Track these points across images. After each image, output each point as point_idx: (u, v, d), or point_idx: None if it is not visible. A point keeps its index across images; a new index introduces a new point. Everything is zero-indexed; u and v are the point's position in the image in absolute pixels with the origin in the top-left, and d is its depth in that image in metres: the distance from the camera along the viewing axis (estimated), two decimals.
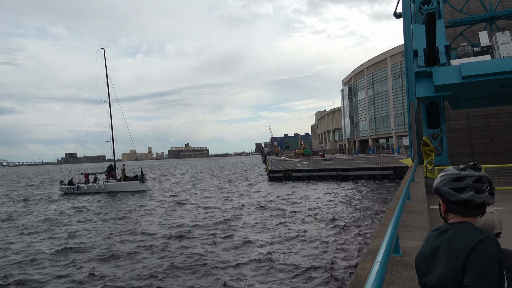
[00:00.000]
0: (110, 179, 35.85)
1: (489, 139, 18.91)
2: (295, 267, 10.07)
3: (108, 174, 36.59)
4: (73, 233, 16.04)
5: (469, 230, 1.64)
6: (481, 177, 1.74)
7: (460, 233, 1.65)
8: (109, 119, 37.28)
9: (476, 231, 1.62)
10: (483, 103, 16.25)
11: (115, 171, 36.65)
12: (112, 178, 36.12)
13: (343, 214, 17.77)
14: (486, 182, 1.73)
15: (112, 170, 36.75)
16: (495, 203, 1.78)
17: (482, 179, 1.73)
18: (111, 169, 36.80)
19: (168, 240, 14.00)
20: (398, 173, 31.03)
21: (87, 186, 34.79)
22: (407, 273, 3.44)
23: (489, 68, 13.30)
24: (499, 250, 1.55)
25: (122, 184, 34.59)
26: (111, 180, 35.72)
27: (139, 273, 10.15)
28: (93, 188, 34.52)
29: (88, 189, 34.53)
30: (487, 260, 1.50)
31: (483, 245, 1.54)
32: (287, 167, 43.76)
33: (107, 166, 37.84)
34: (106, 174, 36.77)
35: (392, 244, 2.90)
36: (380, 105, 76.33)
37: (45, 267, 11.17)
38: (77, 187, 34.69)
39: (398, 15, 23.77)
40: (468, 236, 1.61)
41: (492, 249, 1.53)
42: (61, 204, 27.17)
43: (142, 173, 35.10)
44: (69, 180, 36.52)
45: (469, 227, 1.67)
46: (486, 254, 1.51)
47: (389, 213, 6.27)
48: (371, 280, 1.91)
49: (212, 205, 22.87)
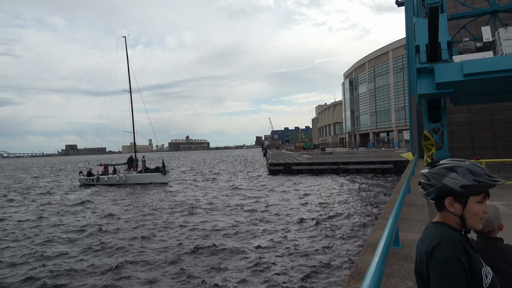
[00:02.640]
0: (131, 171, 35.32)
1: (491, 133, 18.84)
2: (293, 260, 10.13)
3: (128, 165, 36.02)
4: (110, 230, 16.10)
5: (432, 233, 1.66)
6: (423, 174, 1.78)
7: (427, 235, 1.69)
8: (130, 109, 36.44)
9: (434, 235, 1.63)
10: (484, 99, 16.25)
11: (135, 162, 35.92)
12: (132, 169, 35.58)
13: (342, 207, 17.82)
14: (423, 180, 1.77)
15: (133, 161, 35.98)
16: (494, 198, 1.78)
17: (424, 176, 1.77)
18: (132, 160, 36.04)
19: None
20: (399, 167, 31.05)
21: (107, 177, 33.91)
22: (406, 265, 3.46)
23: (491, 65, 13.29)
24: (455, 249, 1.54)
25: (143, 176, 33.85)
26: (132, 171, 35.15)
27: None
28: (113, 179, 33.73)
29: (109, 180, 33.72)
30: (442, 267, 1.51)
31: (438, 250, 1.55)
32: (288, 160, 43.77)
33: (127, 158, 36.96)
34: (127, 165, 36.18)
35: (392, 237, 2.91)
36: (381, 99, 76.11)
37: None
38: (97, 178, 33.99)
39: (400, 3, 23.61)
40: (428, 240, 1.63)
41: (447, 252, 1.53)
42: (86, 196, 27.24)
43: (164, 165, 34.46)
44: (88, 171, 35.83)
45: (435, 229, 1.68)
46: (440, 260, 1.52)
47: (389, 206, 6.29)
48: (370, 272, 1.92)
49: (232, 203, 22.94)
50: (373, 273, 1.91)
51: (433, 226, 1.71)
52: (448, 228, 1.66)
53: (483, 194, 1.65)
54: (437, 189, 1.70)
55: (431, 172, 1.74)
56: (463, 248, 1.57)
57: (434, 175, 1.72)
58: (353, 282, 3.03)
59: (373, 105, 79.26)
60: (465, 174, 1.64)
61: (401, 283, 3.03)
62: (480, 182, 1.62)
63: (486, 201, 1.67)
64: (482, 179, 1.62)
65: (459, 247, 1.55)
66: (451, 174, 1.67)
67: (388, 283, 3.04)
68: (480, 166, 1.70)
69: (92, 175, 34.76)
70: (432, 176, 1.73)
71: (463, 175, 1.64)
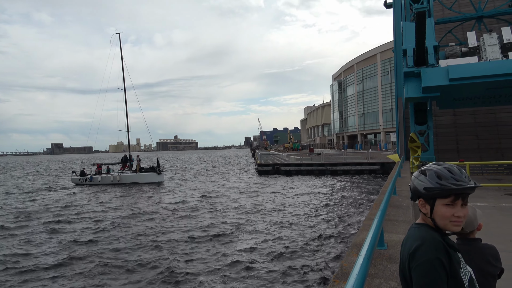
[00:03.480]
0: (125, 170, 34.74)
1: (475, 135, 19.19)
2: (280, 261, 10.16)
3: (123, 165, 35.45)
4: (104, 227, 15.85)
5: (415, 235, 1.68)
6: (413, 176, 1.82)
7: (409, 237, 1.71)
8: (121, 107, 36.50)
9: (416, 236, 1.65)
10: (469, 104, 16.64)
11: (130, 161, 35.32)
12: (127, 169, 35.02)
13: (329, 208, 17.93)
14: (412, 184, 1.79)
15: (127, 160, 35.38)
16: (478, 199, 1.81)
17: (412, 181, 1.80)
18: (126, 159, 35.46)
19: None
20: (385, 168, 31.40)
21: (101, 177, 33.42)
22: (390, 266, 3.50)
23: (476, 71, 13.72)
24: (436, 251, 1.56)
25: (138, 175, 33.33)
26: (126, 171, 34.57)
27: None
28: (107, 179, 33.22)
29: (102, 180, 33.22)
30: (423, 268, 1.53)
31: (420, 251, 1.57)
32: (276, 161, 43.85)
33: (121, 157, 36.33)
34: (121, 164, 35.60)
35: (376, 237, 2.94)
36: (369, 101, 76.85)
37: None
38: (90, 178, 33.41)
39: (388, 5, 23.90)
40: (410, 242, 1.66)
41: (429, 254, 1.55)
42: (79, 197, 26.78)
43: (159, 164, 34.07)
44: (81, 170, 35.13)
45: (417, 231, 1.69)
46: (422, 262, 1.54)
47: (375, 207, 6.36)
48: (355, 273, 1.93)
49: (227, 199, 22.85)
50: (357, 274, 1.92)
51: (416, 228, 1.73)
52: (430, 229, 1.68)
53: (452, 198, 1.65)
54: (411, 190, 1.81)
55: (412, 175, 1.83)
56: (444, 249, 1.59)
57: (412, 177, 1.81)
58: (338, 282, 3.06)
59: (361, 107, 79.98)
60: (431, 177, 1.70)
61: (385, 283, 3.06)
62: (442, 185, 1.65)
63: (458, 204, 1.66)
64: (445, 182, 1.65)
65: (440, 248, 1.58)
66: (420, 177, 1.74)
67: (372, 283, 3.07)
68: (454, 169, 1.70)
69: (85, 175, 34.17)
70: (411, 179, 1.82)
71: (430, 178, 1.70)
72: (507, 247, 5.70)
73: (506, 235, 6.54)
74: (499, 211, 8.67)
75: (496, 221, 7.60)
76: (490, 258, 2.28)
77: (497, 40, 15.83)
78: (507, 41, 15.97)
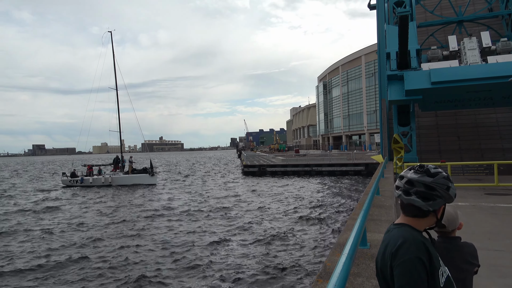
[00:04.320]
0: (117, 172, 34.03)
1: (456, 136, 19.61)
2: (266, 260, 10.17)
3: (114, 166, 34.72)
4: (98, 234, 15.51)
5: (397, 234, 1.69)
6: (410, 180, 1.74)
7: (392, 236, 1.72)
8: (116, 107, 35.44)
9: (398, 236, 1.67)
10: (449, 106, 17.06)
11: (122, 162, 34.64)
12: (119, 170, 34.30)
13: (315, 208, 18.06)
14: (418, 186, 1.72)
15: (119, 162, 34.71)
16: (459, 199, 1.86)
17: (411, 182, 1.74)
18: (118, 161, 34.78)
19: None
20: (370, 169, 31.81)
21: (92, 178, 32.66)
22: (373, 265, 3.55)
23: (457, 75, 14.17)
24: (418, 251, 1.59)
25: (130, 177, 32.67)
26: (118, 172, 33.84)
27: None
28: (98, 180, 32.41)
29: (93, 181, 32.38)
30: (405, 267, 1.56)
31: (402, 250, 1.60)
32: (262, 162, 43.93)
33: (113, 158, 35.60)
34: (113, 166, 34.87)
35: (359, 237, 2.98)
36: (354, 103, 77.76)
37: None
38: (81, 180, 32.58)
39: (372, 6, 24.28)
40: (393, 241, 1.67)
41: (410, 254, 1.58)
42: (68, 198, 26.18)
43: (152, 166, 33.41)
44: (71, 172, 34.33)
45: (399, 231, 1.71)
46: (404, 261, 1.57)
47: (359, 207, 6.44)
48: (337, 271, 1.95)
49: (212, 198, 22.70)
50: (339, 273, 1.94)
51: (397, 228, 1.75)
52: (411, 229, 1.71)
53: None
54: (445, 197, 1.83)
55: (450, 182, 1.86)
56: (425, 249, 1.62)
57: (451, 184, 1.85)
58: (321, 282, 3.09)
59: (346, 109, 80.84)
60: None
61: (367, 282, 3.11)
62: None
63: None
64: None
65: (421, 248, 1.61)
66: (451, 184, 1.83)
67: (354, 282, 3.11)
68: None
69: (76, 176, 33.40)
70: (451, 186, 1.85)
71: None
72: (485, 245, 5.86)
73: (485, 233, 6.73)
74: (478, 210, 8.90)
75: (476, 220, 7.81)
76: (469, 255, 2.36)
77: (477, 45, 16.33)
78: (486, 45, 16.47)
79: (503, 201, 10.00)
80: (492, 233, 6.72)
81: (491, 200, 10.26)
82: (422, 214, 1.74)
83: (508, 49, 16.04)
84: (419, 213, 1.74)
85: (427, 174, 1.74)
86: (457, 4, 21.34)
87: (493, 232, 6.83)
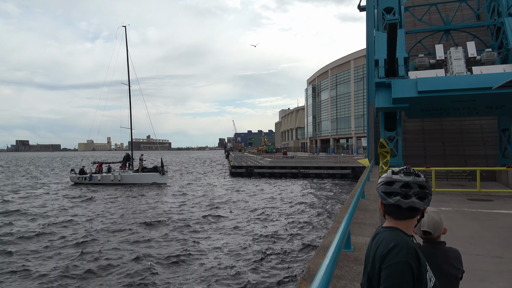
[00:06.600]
0: (127, 170, 33.33)
1: (441, 142, 19.94)
2: (249, 262, 10.17)
3: (124, 164, 33.93)
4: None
5: (388, 237, 1.69)
6: (407, 183, 1.74)
7: (382, 239, 1.71)
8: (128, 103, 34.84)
9: (390, 239, 1.67)
10: (435, 114, 17.39)
11: (132, 161, 33.85)
12: (127, 168, 33.54)
13: (301, 211, 18.13)
14: (415, 187, 1.73)
15: (129, 159, 33.85)
16: (442, 204, 1.87)
17: (408, 185, 1.73)
18: (128, 158, 33.91)
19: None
20: (356, 172, 32.07)
21: (101, 176, 31.92)
22: (356, 267, 3.58)
23: (442, 84, 14.60)
24: (408, 255, 1.59)
25: (140, 175, 31.96)
26: (127, 170, 33.13)
27: None
28: (107, 178, 31.71)
29: (102, 179, 31.71)
30: (394, 269, 1.57)
31: (392, 253, 1.60)
32: (250, 163, 43.90)
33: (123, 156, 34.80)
34: (123, 164, 34.05)
35: (343, 240, 3.01)
36: (342, 106, 78.42)
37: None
38: (89, 177, 31.89)
39: (361, 8, 24.51)
40: (384, 244, 1.67)
41: (400, 257, 1.58)
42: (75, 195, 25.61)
43: (163, 165, 32.82)
44: (80, 169, 33.54)
45: (390, 234, 1.71)
46: (394, 263, 1.58)
47: (344, 210, 6.49)
48: (320, 274, 1.96)
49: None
50: (322, 275, 1.95)
51: (387, 231, 1.74)
52: (402, 233, 1.71)
53: None
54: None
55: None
56: (416, 255, 1.63)
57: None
58: (305, 284, 3.10)
59: (334, 112, 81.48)
60: None
61: (350, 284, 3.13)
62: None
63: None
64: None
65: (412, 253, 1.61)
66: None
67: (338, 284, 3.14)
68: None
69: (84, 173, 32.68)
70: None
71: None
72: (467, 249, 5.96)
73: (467, 238, 6.84)
74: (461, 215, 9.06)
75: (458, 224, 7.94)
76: (453, 260, 2.38)
77: (462, 54, 16.72)
78: (471, 55, 16.86)
79: (485, 207, 10.20)
80: (474, 238, 6.85)
81: (473, 205, 10.45)
82: (413, 215, 1.75)
83: (492, 59, 16.46)
84: (411, 215, 1.74)
85: (415, 175, 1.77)
86: (445, 9, 21.74)
87: (474, 237, 6.96)
